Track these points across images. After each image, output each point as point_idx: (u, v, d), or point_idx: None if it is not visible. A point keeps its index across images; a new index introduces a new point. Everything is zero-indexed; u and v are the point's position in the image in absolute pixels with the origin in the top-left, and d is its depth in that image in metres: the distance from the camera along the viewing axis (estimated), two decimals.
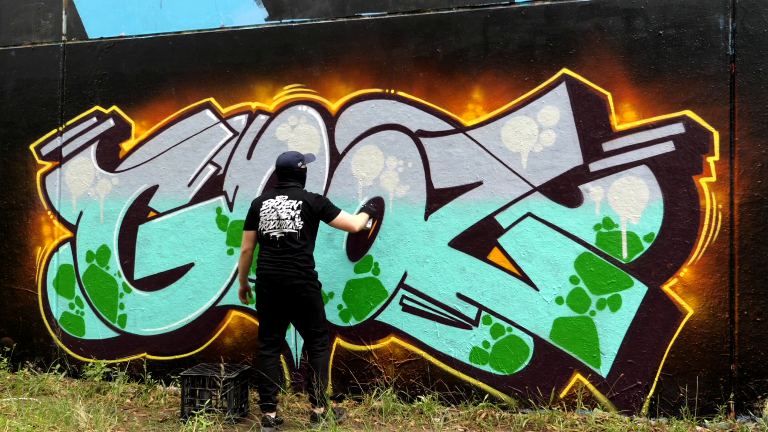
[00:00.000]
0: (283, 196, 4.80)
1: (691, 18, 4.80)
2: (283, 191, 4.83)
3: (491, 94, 5.17)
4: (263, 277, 4.73)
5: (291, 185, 4.85)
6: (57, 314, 6.21)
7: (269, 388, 4.77)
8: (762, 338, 4.65)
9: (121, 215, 6.04)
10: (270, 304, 4.76)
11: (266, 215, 4.78)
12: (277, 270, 4.69)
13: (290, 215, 4.73)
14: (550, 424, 4.80)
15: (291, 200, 4.76)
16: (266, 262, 4.75)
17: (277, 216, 4.74)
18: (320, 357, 4.78)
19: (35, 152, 6.33)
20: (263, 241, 4.81)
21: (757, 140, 4.68)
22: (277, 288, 4.68)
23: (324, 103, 5.54)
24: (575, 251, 4.98)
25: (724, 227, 4.71)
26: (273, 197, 4.82)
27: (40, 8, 6.36)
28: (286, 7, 5.68)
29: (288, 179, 4.86)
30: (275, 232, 4.73)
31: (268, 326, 4.84)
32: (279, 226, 4.72)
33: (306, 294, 4.70)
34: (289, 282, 4.66)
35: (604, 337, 4.91)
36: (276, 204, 4.77)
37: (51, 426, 4.67)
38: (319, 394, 4.76)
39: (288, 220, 4.72)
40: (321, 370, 4.76)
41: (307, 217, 4.75)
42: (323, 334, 4.83)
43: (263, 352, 4.82)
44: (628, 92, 4.90)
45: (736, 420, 4.65)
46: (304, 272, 4.71)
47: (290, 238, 4.72)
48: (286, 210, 4.74)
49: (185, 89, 5.88)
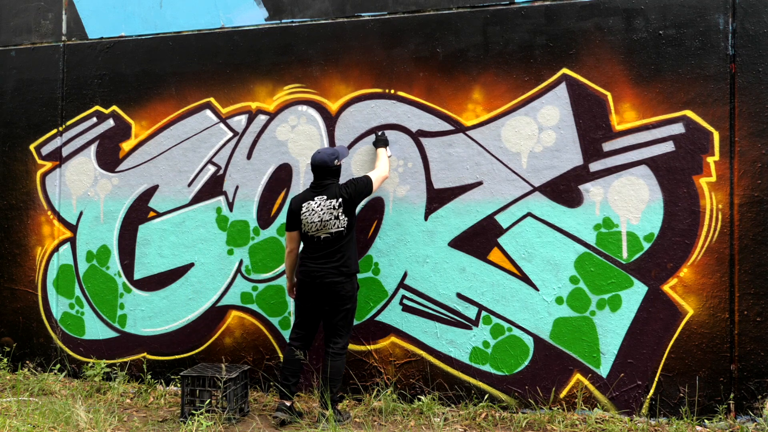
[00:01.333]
0: (322, 196, 4.84)
1: (691, 18, 4.80)
2: (321, 191, 4.87)
3: (491, 94, 5.17)
4: (307, 274, 4.83)
5: (328, 183, 4.88)
6: (57, 314, 6.21)
7: (291, 377, 4.89)
8: (762, 338, 4.65)
9: (121, 215, 6.04)
10: (310, 299, 4.86)
11: (308, 217, 4.82)
12: (321, 268, 4.78)
13: (333, 215, 4.79)
14: (550, 424, 4.80)
15: (331, 200, 4.81)
16: (311, 260, 4.84)
17: (319, 218, 4.79)
18: (334, 360, 4.80)
19: (35, 152, 6.33)
20: (308, 241, 4.88)
21: (757, 140, 4.68)
22: (317, 284, 4.78)
23: (324, 103, 5.54)
24: (575, 251, 4.98)
25: (724, 227, 4.71)
26: (312, 198, 4.86)
27: (40, 8, 6.36)
28: (286, 7, 5.69)
29: (325, 178, 4.90)
30: (321, 233, 4.81)
31: (302, 319, 4.94)
32: (324, 227, 4.79)
33: (344, 293, 4.79)
34: (330, 279, 4.76)
35: (604, 337, 4.91)
36: (315, 206, 4.82)
37: (51, 426, 4.67)
38: (321, 395, 4.78)
39: (332, 219, 4.79)
40: (331, 372, 4.78)
41: (350, 210, 4.83)
42: (345, 335, 4.87)
43: (293, 342, 4.95)
44: (628, 92, 4.90)
45: (736, 420, 4.65)
46: (345, 269, 4.80)
47: (337, 237, 4.81)
48: (327, 210, 4.79)
49: (185, 89, 5.88)
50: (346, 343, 4.90)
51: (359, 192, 4.87)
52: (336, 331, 4.85)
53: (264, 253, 5.63)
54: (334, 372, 4.79)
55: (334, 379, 4.79)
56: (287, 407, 4.86)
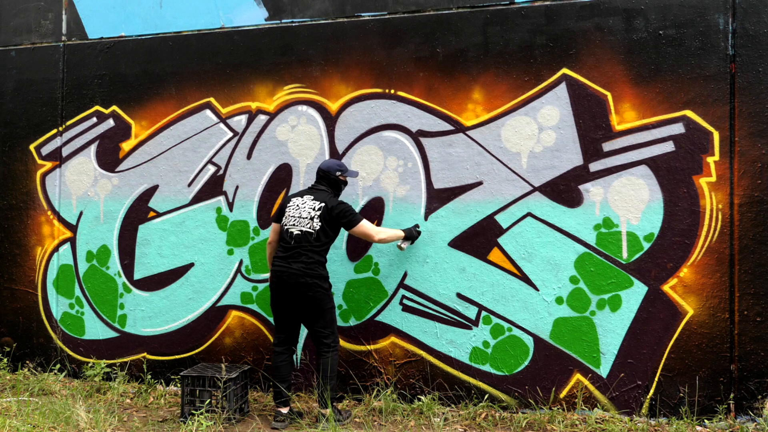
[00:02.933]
0: (310, 196, 4.89)
1: (691, 18, 4.80)
2: (313, 192, 4.92)
3: (491, 94, 5.17)
4: (274, 273, 4.83)
5: (321, 189, 4.92)
6: (57, 314, 6.21)
7: (280, 383, 4.86)
8: (762, 338, 4.65)
9: (121, 215, 6.04)
10: (278, 300, 4.85)
11: (290, 211, 4.89)
12: (287, 267, 4.77)
13: (310, 215, 4.81)
14: (550, 424, 4.80)
15: (315, 201, 4.85)
16: (279, 258, 4.85)
17: (299, 214, 4.84)
18: (325, 358, 4.78)
19: (35, 152, 6.33)
20: (282, 235, 4.91)
21: (757, 140, 4.68)
22: (285, 284, 4.76)
23: (324, 103, 5.54)
24: (575, 251, 4.98)
25: (724, 227, 4.71)
26: (302, 196, 4.93)
27: (40, 8, 6.36)
28: (286, 7, 5.69)
29: (321, 182, 4.95)
30: (293, 228, 4.83)
31: (278, 323, 4.93)
32: (298, 223, 4.82)
33: (312, 293, 4.73)
34: (295, 280, 4.72)
35: (604, 337, 4.91)
36: (301, 202, 4.88)
37: (51, 426, 4.67)
38: (320, 394, 4.77)
39: (307, 219, 4.81)
40: (323, 371, 4.77)
41: (325, 221, 4.80)
42: (330, 335, 4.82)
43: (275, 348, 4.94)
44: (628, 92, 4.90)
45: (736, 420, 4.65)
46: (312, 271, 4.74)
47: (305, 237, 4.79)
48: (308, 209, 4.83)
49: (185, 89, 5.88)
50: (335, 338, 4.84)
51: (338, 215, 4.79)
52: (319, 332, 4.81)
53: (264, 253, 5.63)
54: (326, 369, 4.76)
55: (327, 377, 4.75)
56: (284, 415, 4.84)
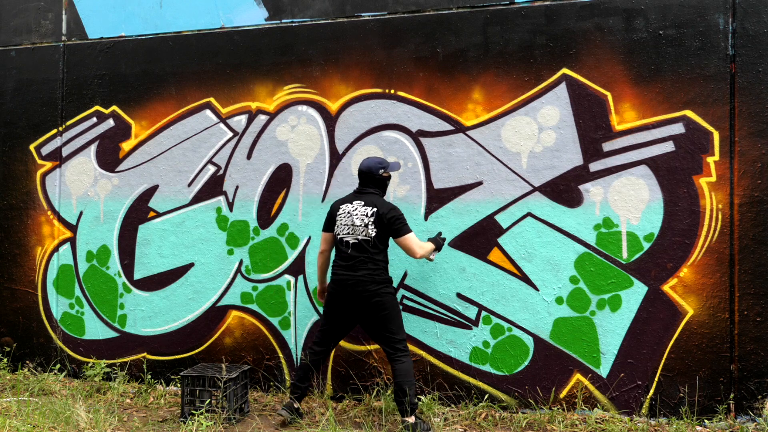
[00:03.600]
0: (360, 201, 4.75)
1: (691, 18, 4.80)
2: (361, 197, 4.78)
3: (491, 94, 5.17)
4: (336, 281, 4.72)
5: (369, 191, 4.78)
6: (57, 314, 6.21)
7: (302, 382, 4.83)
8: (762, 338, 4.65)
9: (121, 215, 6.04)
10: (339, 307, 4.75)
11: (342, 219, 4.75)
12: (351, 275, 4.65)
13: (364, 222, 4.68)
14: (550, 424, 4.80)
15: (366, 207, 4.71)
16: (340, 266, 4.74)
17: (351, 222, 4.71)
18: (401, 363, 4.58)
19: (35, 152, 6.33)
20: (338, 244, 4.78)
21: (757, 140, 4.68)
22: (349, 293, 4.65)
23: (324, 103, 5.54)
24: (575, 251, 4.98)
25: (724, 227, 4.71)
26: (350, 202, 4.79)
27: (40, 8, 6.36)
28: (286, 7, 5.69)
29: (367, 185, 4.80)
30: (349, 237, 4.71)
31: (330, 327, 4.83)
32: (353, 231, 4.70)
33: (379, 298, 4.61)
34: (361, 287, 4.61)
35: (604, 337, 4.91)
36: (352, 209, 4.74)
37: (51, 426, 4.67)
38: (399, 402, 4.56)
39: (362, 227, 4.68)
40: (403, 375, 4.55)
41: (379, 227, 4.67)
42: (401, 340, 4.65)
43: (316, 347, 4.85)
44: (628, 92, 4.90)
45: (736, 420, 4.65)
46: (377, 277, 4.65)
47: (363, 244, 4.68)
48: (360, 216, 4.70)
49: (185, 89, 5.88)
50: (405, 344, 4.66)
51: (390, 222, 4.66)
52: (389, 336, 4.64)
53: (264, 253, 5.63)
54: (404, 374, 4.56)
55: (405, 382, 4.55)
56: (292, 408, 4.81)
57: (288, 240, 5.58)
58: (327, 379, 5.45)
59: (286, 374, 5.55)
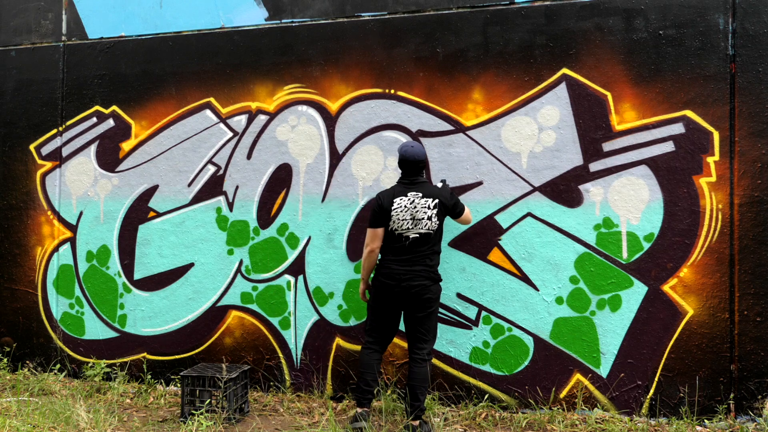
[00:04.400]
0: (417, 193, 4.61)
1: (691, 18, 4.80)
2: (415, 188, 4.64)
3: (491, 94, 5.17)
4: (391, 276, 4.57)
5: (421, 180, 4.67)
6: (57, 314, 6.21)
7: (372, 383, 4.67)
8: (762, 338, 4.65)
9: (121, 215, 6.04)
10: (393, 302, 4.62)
11: (399, 214, 4.58)
12: (406, 269, 4.55)
13: (427, 215, 4.56)
14: (550, 424, 4.80)
15: (426, 198, 4.59)
16: (394, 261, 4.60)
17: (411, 216, 4.56)
18: (422, 367, 4.54)
19: (35, 152, 6.33)
20: (393, 240, 4.62)
21: (757, 140, 4.68)
22: (403, 287, 4.54)
23: (324, 103, 5.54)
24: (575, 251, 4.98)
25: (724, 227, 4.71)
26: (404, 194, 4.62)
27: (40, 8, 6.36)
28: (286, 7, 5.69)
29: (418, 174, 4.67)
30: (410, 232, 4.57)
31: (381, 325, 4.72)
32: (415, 226, 4.56)
33: (431, 295, 4.57)
34: (416, 281, 4.53)
35: (604, 337, 4.91)
36: (409, 202, 4.59)
37: (51, 426, 4.67)
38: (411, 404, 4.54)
39: (425, 220, 4.56)
40: (421, 381, 4.52)
41: (442, 215, 4.63)
42: (431, 340, 4.63)
43: (371, 346, 4.72)
44: (628, 92, 4.90)
45: (736, 420, 4.65)
46: (433, 273, 4.61)
47: (425, 238, 4.58)
48: (422, 209, 4.57)
49: (185, 89, 5.88)
50: (432, 348, 4.66)
51: (454, 205, 4.68)
52: (421, 336, 4.60)
53: (264, 253, 5.63)
54: (421, 379, 4.53)
55: (422, 387, 4.52)
56: (365, 415, 4.62)
57: (288, 240, 5.58)
58: (327, 379, 5.45)
59: (286, 374, 5.55)
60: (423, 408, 4.56)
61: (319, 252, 5.48)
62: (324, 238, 5.46)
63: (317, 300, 5.49)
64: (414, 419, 4.55)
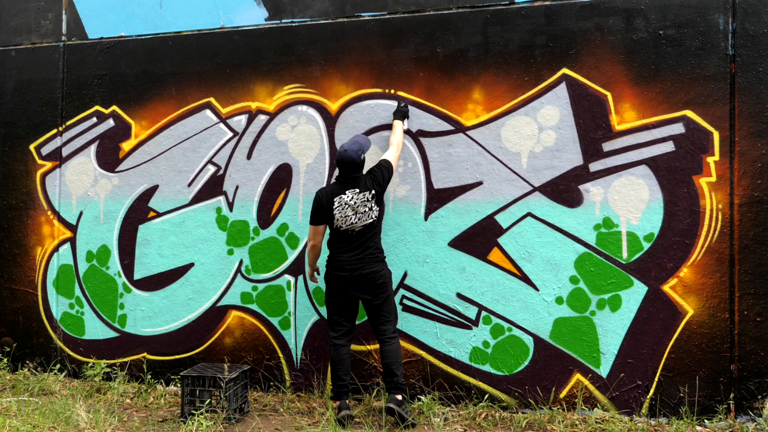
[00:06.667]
0: (354, 189, 4.85)
1: (691, 18, 4.80)
2: (352, 184, 4.86)
3: (491, 94, 5.17)
4: (342, 268, 4.82)
5: (357, 176, 4.88)
6: (57, 314, 6.21)
7: (344, 377, 4.87)
8: (762, 338, 4.65)
9: (121, 215, 6.04)
10: (347, 293, 4.84)
11: (342, 212, 4.82)
12: (356, 259, 4.80)
13: (367, 206, 4.82)
14: (550, 424, 4.80)
15: (364, 192, 4.83)
16: (343, 254, 4.84)
17: (353, 212, 4.81)
18: (391, 344, 4.81)
19: (35, 152, 6.33)
20: (339, 235, 4.88)
21: (757, 140, 4.68)
22: (356, 277, 4.78)
23: (324, 103, 5.54)
24: (575, 251, 4.98)
25: (724, 227, 4.71)
26: (342, 192, 4.86)
27: (40, 8, 6.36)
28: (286, 7, 5.69)
29: (353, 171, 4.87)
30: (355, 226, 4.82)
31: (342, 316, 4.91)
32: (358, 220, 4.81)
33: (383, 280, 4.83)
34: (369, 269, 4.79)
35: (604, 337, 4.91)
36: (349, 200, 4.82)
37: (51, 426, 4.67)
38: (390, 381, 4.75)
39: (366, 211, 4.82)
40: (393, 356, 4.78)
41: (380, 200, 4.90)
42: (393, 319, 4.90)
43: (337, 341, 4.91)
44: (628, 92, 4.90)
45: (736, 420, 4.65)
46: (379, 253, 4.89)
47: (368, 227, 4.84)
48: (362, 203, 4.82)
49: (185, 89, 5.88)
50: (395, 326, 4.94)
51: (386, 180, 4.93)
52: (383, 318, 4.85)
53: (264, 253, 5.63)
54: (393, 354, 4.79)
55: (396, 362, 4.78)
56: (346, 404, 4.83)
57: (288, 240, 5.58)
58: (327, 379, 5.45)
59: (286, 374, 5.55)
60: (401, 383, 4.76)
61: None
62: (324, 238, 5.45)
63: (317, 300, 5.49)
64: (395, 392, 4.71)
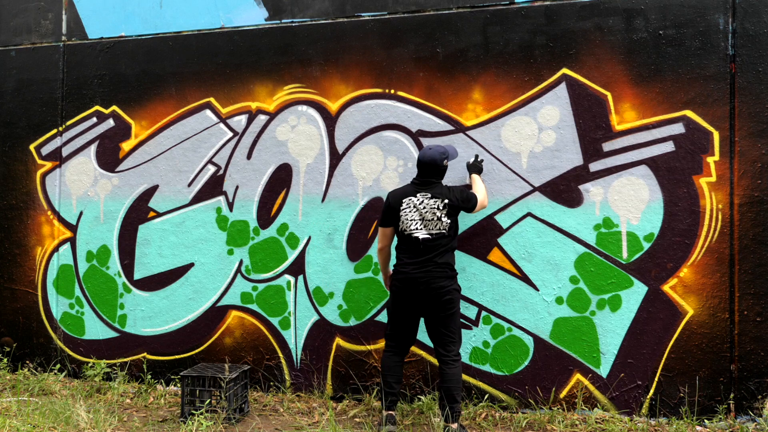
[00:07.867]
0: (426, 193, 4.58)
1: (691, 18, 4.80)
2: (426, 188, 4.61)
3: (491, 94, 5.17)
4: (405, 280, 4.53)
5: (433, 182, 4.62)
6: (57, 314, 6.21)
7: (395, 384, 4.62)
8: (762, 338, 4.65)
9: (121, 215, 6.04)
10: (409, 306, 4.57)
11: (408, 214, 4.58)
12: (422, 272, 4.49)
13: (436, 215, 4.54)
14: (550, 424, 4.80)
15: (435, 199, 4.56)
16: (409, 264, 4.55)
17: (420, 216, 4.55)
18: (453, 368, 4.48)
19: (35, 152, 6.33)
20: (405, 240, 4.60)
21: (757, 140, 4.68)
22: (421, 291, 4.49)
23: (324, 103, 5.54)
24: (575, 251, 4.98)
25: (724, 227, 4.71)
26: (414, 194, 4.61)
27: (40, 8, 6.36)
28: (286, 7, 5.69)
29: (431, 176, 4.62)
30: (420, 233, 4.54)
31: (400, 330, 4.66)
32: (424, 226, 4.53)
33: (450, 296, 4.50)
34: (435, 283, 4.47)
35: (604, 337, 4.91)
36: (418, 202, 4.57)
37: (51, 426, 4.67)
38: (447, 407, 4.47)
39: (435, 220, 4.53)
40: (454, 382, 4.46)
41: (453, 214, 4.60)
42: (457, 342, 4.55)
43: (392, 350, 4.68)
44: (628, 92, 4.90)
45: (736, 420, 4.65)
46: (449, 271, 4.56)
47: (436, 238, 4.54)
48: (430, 210, 4.54)
49: (185, 89, 5.88)
50: (459, 349, 4.57)
51: (465, 200, 4.62)
52: (448, 338, 4.52)
53: (264, 253, 5.63)
54: (455, 380, 4.46)
55: (456, 388, 4.47)
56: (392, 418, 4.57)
57: (288, 240, 5.58)
58: (327, 379, 5.45)
59: (286, 374, 5.55)
60: (459, 411, 4.50)
61: (319, 252, 5.48)
62: (324, 238, 5.46)
63: (317, 300, 5.49)
64: (452, 422, 4.46)
